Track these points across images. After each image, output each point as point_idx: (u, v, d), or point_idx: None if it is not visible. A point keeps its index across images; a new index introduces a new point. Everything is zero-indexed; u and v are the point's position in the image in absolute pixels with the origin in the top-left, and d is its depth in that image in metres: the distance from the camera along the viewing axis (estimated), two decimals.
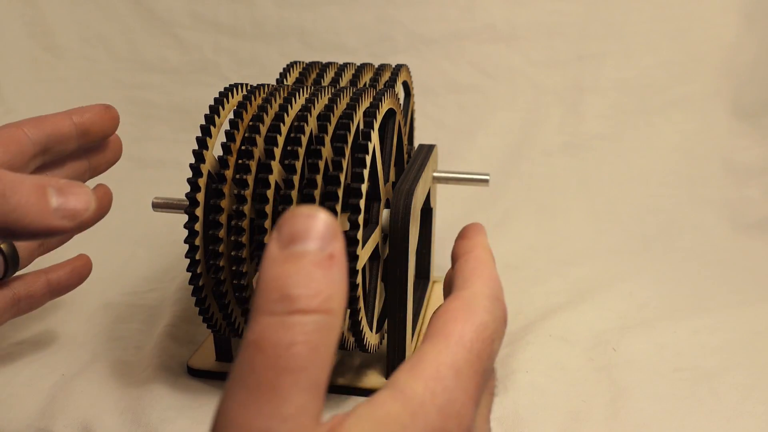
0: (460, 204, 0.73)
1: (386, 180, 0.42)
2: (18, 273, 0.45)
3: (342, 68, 0.50)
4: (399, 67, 0.52)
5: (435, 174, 0.49)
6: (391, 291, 0.42)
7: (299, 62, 0.51)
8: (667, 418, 0.43)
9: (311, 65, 0.51)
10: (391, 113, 0.43)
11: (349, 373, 0.45)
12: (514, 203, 0.74)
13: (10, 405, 0.43)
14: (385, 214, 0.41)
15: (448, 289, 0.29)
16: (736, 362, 0.48)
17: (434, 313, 0.26)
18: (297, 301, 0.19)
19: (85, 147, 0.44)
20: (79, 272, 0.47)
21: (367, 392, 0.43)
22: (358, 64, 0.51)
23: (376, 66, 0.52)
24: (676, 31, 0.80)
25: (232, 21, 0.84)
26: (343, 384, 0.44)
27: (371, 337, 0.42)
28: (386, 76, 0.50)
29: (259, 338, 0.19)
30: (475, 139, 0.80)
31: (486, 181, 0.48)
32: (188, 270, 0.38)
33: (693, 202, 0.73)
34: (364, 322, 0.40)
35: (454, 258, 0.30)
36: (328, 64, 0.51)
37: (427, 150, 0.48)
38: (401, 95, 0.53)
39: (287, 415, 0.19)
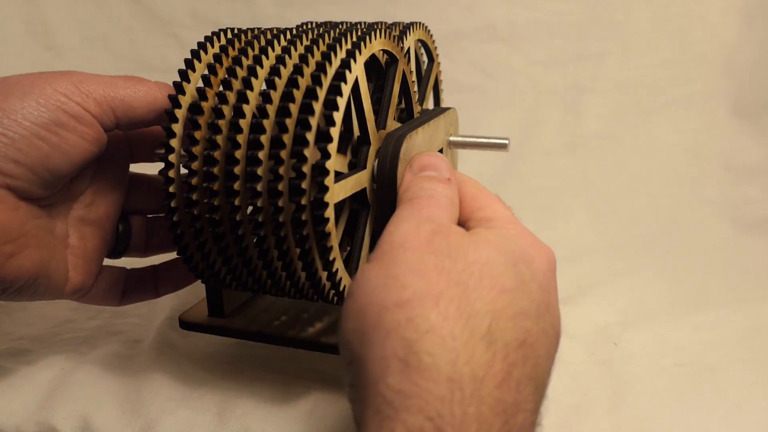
0: None
1: (382, 127, 0.41)
2: None
3: (354, 26, 0.47)
4: (411, 24, 0.49)
5: (452, 138, 0.47)
6: (378, 237, 0.40)
7: (312, 22, 0.49)
8: (668, 413, 0.42)
9: (324, 23, 0.48)
10: (392, 60, 0.42)
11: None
12: (514, 203, 0.73)
13: (9, 398, 0.42)
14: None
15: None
16: (737, 358, 0.48)
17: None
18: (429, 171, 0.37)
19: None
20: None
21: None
22: (370, 21, 0.49)
23: (389, 23, 0.49)
24: (676, 31, 0.80)
25: (232, 21, 0.84)
26: (327, 342, 0.42)
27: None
28: (396, 33, 0.47)
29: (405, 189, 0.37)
30: None
31: (505, 145, 0.46)
32: (164, 203, 0.38)
33: (693, 202, 0.73)
34: (338, 263, 0.38)
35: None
36: (341, 22, 0.48)
37: (442, 110, 0.47)
38: (416, 57, 0.51)
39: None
